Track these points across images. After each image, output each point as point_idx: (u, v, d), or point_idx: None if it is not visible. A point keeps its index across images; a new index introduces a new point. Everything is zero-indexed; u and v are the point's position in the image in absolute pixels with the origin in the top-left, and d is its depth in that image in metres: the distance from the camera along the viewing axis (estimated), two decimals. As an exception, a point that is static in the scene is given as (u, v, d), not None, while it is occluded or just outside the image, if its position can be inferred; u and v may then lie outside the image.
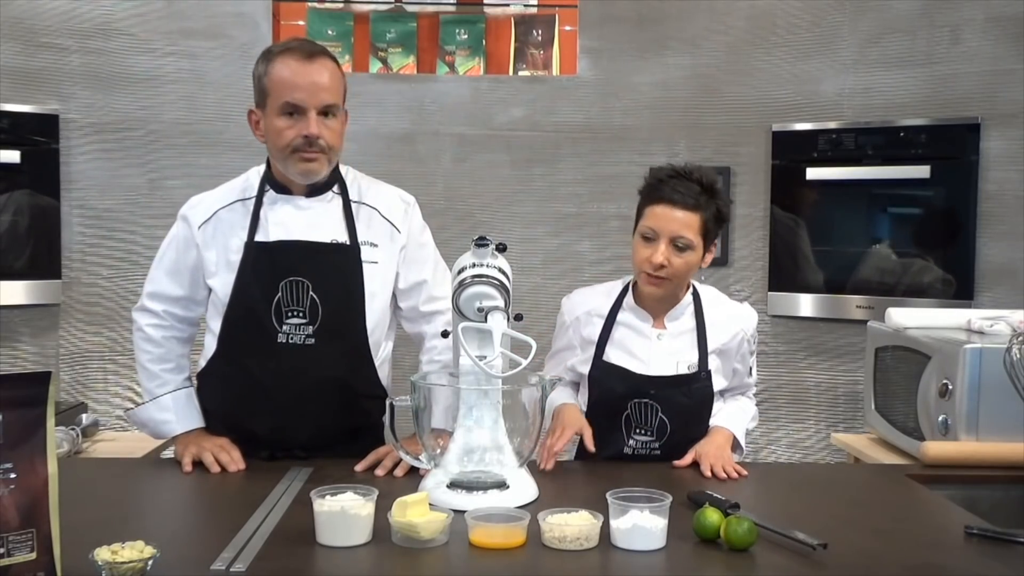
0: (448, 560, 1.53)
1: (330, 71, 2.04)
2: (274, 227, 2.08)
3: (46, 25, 3.78)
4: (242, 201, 2.13)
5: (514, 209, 4.02)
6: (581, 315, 2.23)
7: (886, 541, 1.62)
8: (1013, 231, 3.57)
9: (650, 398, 2.14)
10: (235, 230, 2.10)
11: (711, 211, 2.10)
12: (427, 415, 1.87)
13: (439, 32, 4.19)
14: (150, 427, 2.21)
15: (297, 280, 2.04)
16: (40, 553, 1.30)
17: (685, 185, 2.09)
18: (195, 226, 2.14)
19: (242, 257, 2.07)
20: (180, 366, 2.21)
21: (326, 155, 2.05)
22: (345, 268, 2.09)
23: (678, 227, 2.07)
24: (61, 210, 3.78)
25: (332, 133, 2.05)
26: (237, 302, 2.07)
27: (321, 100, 2.01)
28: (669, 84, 3.99)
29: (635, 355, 2.17)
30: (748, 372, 2.28)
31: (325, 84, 2.02)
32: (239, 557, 1.47)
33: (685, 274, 2.13)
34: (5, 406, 1.28)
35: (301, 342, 2.05)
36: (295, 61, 2.01)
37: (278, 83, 2.01)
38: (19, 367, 3.71)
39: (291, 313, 2.05)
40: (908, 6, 3.73)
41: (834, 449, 3.67)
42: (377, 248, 2.13)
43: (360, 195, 2.17)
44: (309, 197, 2.11)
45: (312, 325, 2.05)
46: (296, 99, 2.00)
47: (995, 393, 2.42)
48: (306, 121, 2.00)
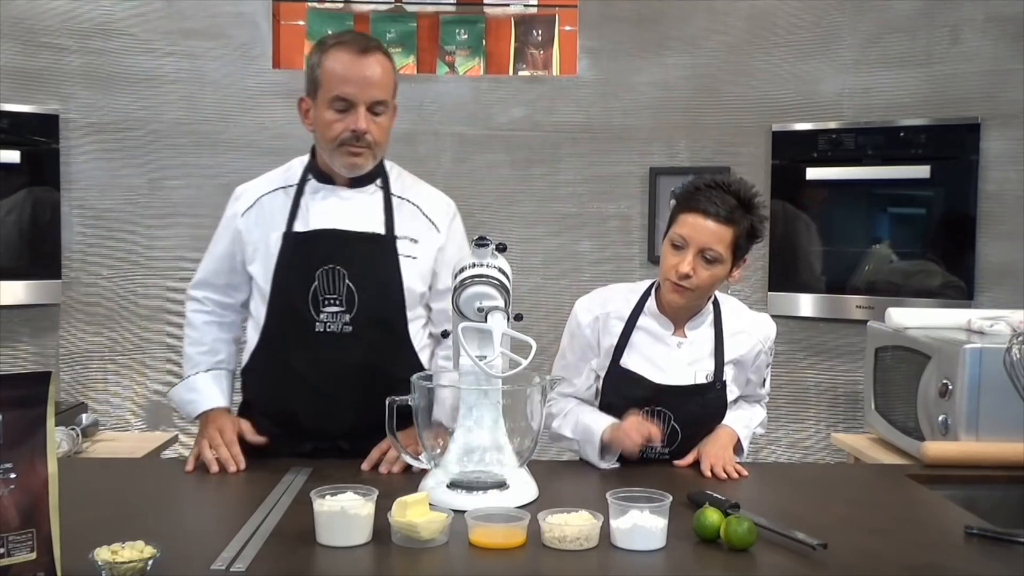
0: (448, 560, 1.53)
1: (382, 66, 2.04)
2: (315, 216, 2.10)
3: (46, 25, 3.78)
4: (284, 189, 2.15)
5: (514, 209, 4.02)
6: (600, 315, 2.18)
7: (886, 541, 1.62)
8: (1013, 231, 3.56)
9: (664, 406, 2.11)
10: (275, 218, 2.12)
11: (744, 226, 2.05)
12: (427, 414, 1.87)
13: (439, 32, 4.20)
14: (180, 407, 2.23)
15: (333, 268, 2.05)
16: (40, 553, 1.30)
17: (721, 197, 2.03)
18: (239, 213, 2.16)
19: (280, 247, 2.09)
20: (214, 349, 2.22)
21: (372, 151, 2.06)
22: (380, 257, 2.09)
23: (708, 238, 2.02)
24: (61, 210, 3.78)
25: (380, 129, 2.05)
26: (276, 292, 2.09)
27: (371, 95, 2.01)
28: (669, 84, 4.00)
29: (654, 363, 2.13)
30: (761, 383, 2.26)
31: (376, 79, 2.02)
32: (239, 557, 1.47)
33: (710, 287, 2.09)
34: (5, 406, 1.28)
35: (339, 330, 2.05)
36: (348, 55, 2.01)
37: (330, 75, 2.01)
38: (19, 367, 3.71)
39: (328, 301, 2.05)
40: (908, 6, 3.73)
41: (834, 449, 3.67)
42: (416, 244, 2.13)
43: (403, 191, 2.17)
44: (352, 188, 2.12)
45: (349, 313, 2.05)
46: (346, 93, 2.00)
47: (995, 393, 2.41)
48: (355, 116, 2.01)
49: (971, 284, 3.61)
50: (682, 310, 2.14)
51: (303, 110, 2.11)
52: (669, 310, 2.15)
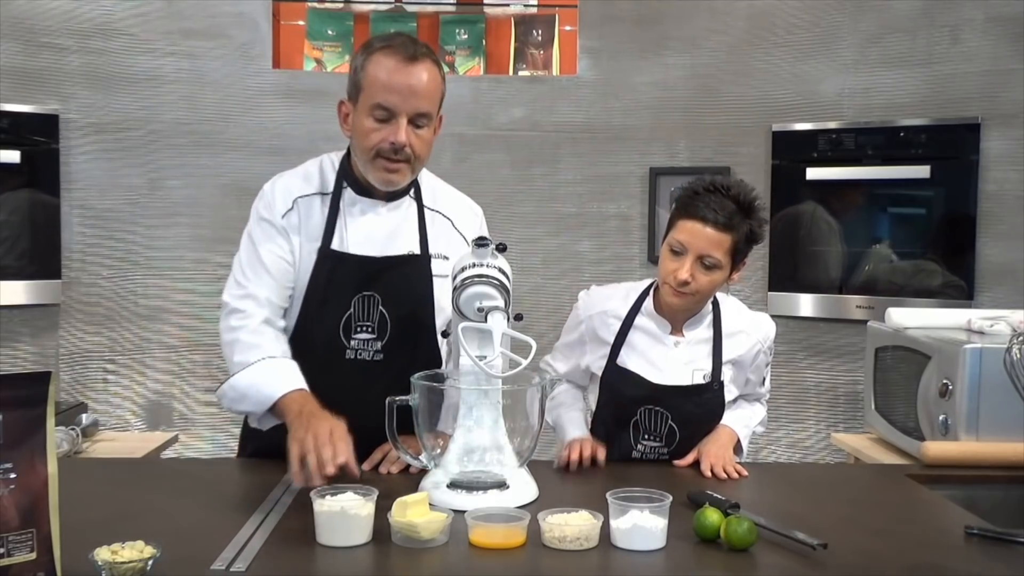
0: (448, 560, 1.53)
1: (430, 75, 1.91)
2: (353, 234, 1.99)
3: (46, 25, 3.78)
4: (321, 196, 2.02)
5: (514, 209, 4.02)
6: (596, 314, 2.19)
7: (886, 541, 1.62)
8: (1013, 231, 3.57)
9: (661, 406, 2.11)
10: (313, 228, 1.99)
11: (743, 231, 2.03)
12: (427, 414, 1.87)
13: (439, 32, 4.20)
14: (243, 398, 1.92)
15: (368, 295, 1.97)
16: (40, 553, 1.30)
17: (720, 202, 2.01)
18: (280, 213, 1.99)
19: (316, 263, 1.97)
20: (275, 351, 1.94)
21: (410, 165, 1.95)
22: (415, 281, 2.01)
23: (707, 245, 2.01)
24: (61, 210, 3.78)
25: (421, 143, 1.94)
26: (308, 311, 1.99)
27: (415, 107, 1.90)
28: (669, 84, 4.00)
29: (651, 362, 2.13)
30: (761, 383, 2.26)
31: (421, 89, 1.89)
32: (239, 557, 1.47)
33: (709, 292, 2.09)
34: (5, 406, 1.28)
35: (370, 358, 1.98)
36: (394, 61, 1.89)
37: (372, 81, 1.89)
38: (19, 367, 3.71)
39: (360, 328, 1.97)
40: (908, 6, 3.73)
41: (834, 449, 3.67)
42: (447, 262, 2.02)
43: (434, 202, 2.09)
44: (388, 202, 2.03)
45: (380, 340, 1.98)
46: (388, 102, 1.89)
47: (995, 393, 2.41)
48: (395, 127, 1.89)
49: (971, 284, 3.61)
50: (680, 311, 2.14)
51: (342, 114, 2.00)
52: (667, 311, 2.15)
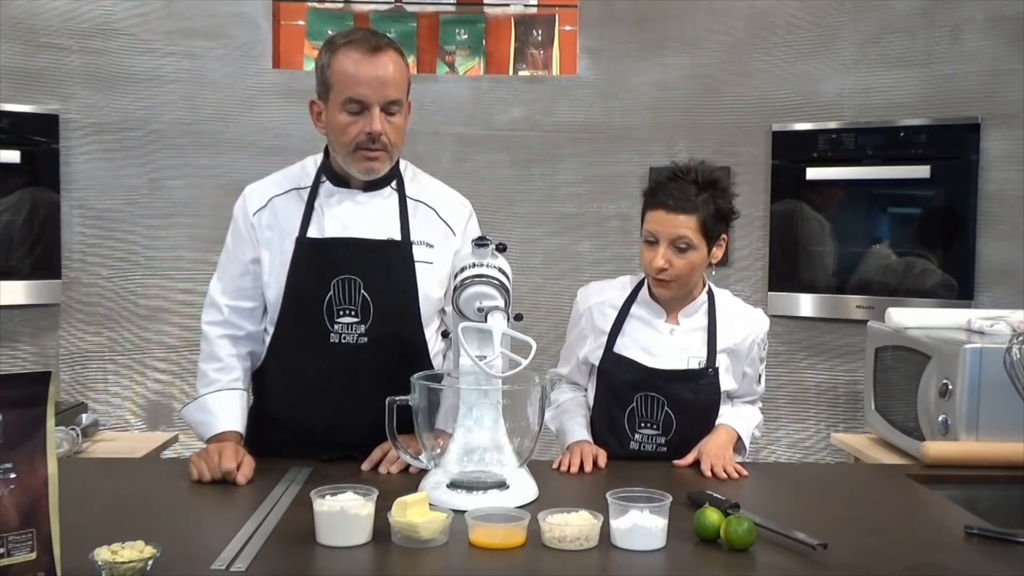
0: (448, 560, 1.53)
1: (395, 64, 1.98)
2: (329, 222, 2.04)
3: (46, 25, 3.78)
4: (298, 191, 2.08)
5: (514, 209, 4.02)
6: (595, 304, 2.26)
7: (886, 541, 1.62)
8: (1013, 231, 3.56)
9: (656, 391, 2.15)
10: (289, 222, 2.05)
11: (709, 210, 2.11)
12: (427, 414, 1.87)
13: (439, 32, 4.19)
14: (193, 428, 2.11)
15: (348, 278, 2.00)
16: (40, 553, 1.30)
17: (680, 187, 2.10)
18: (251, 212, 2.08)
19: (293, 253, 2.03)
20: (228, 366, 2.10)
21: (388, 152, 2.01)
22: (396, 266, 2.04)
23: (676, 229, 2.09)
24: (61, 210, 3.78)
25: (395, 129, 2.00)
26: (289, 299, 2.03)
27: (385, 95, 1.96)
28: (669, 84, 4.00)
29: (646, 348, 2.18)
30: (757, 379, 2.29)
31: (389, 79, 1.96)
32: (239, 557, 1.47)
33: (689, 274, 2.14)
34: (5, 406, 1.28)
35: (354, 341, 2.01)
36: (359, 54, 1.95)
37: (341, 77, 1.95)
38: (19, 367, 3.71)
39: (343, 312, 2.00)
40: (908, 6, 3.73)
41: (834, 449, 3.67)
42: (432, 249, 2.08)
43: (418, 193, 2.12)
44: (367, 191, 2.07)
45: (364, 324, 2.01)
46: (360, 95, 1.94)
47: (995, 393, 2.42)
48: (369, 117, 1.95)
49: (971, 284, 3.61)
50: (672, 300, 2.20)
51: (315, 113, 2.05)
52: (660, 299, 2.22)
